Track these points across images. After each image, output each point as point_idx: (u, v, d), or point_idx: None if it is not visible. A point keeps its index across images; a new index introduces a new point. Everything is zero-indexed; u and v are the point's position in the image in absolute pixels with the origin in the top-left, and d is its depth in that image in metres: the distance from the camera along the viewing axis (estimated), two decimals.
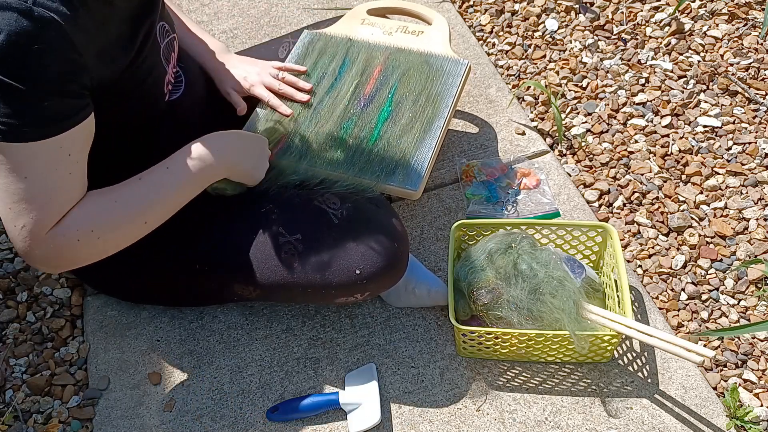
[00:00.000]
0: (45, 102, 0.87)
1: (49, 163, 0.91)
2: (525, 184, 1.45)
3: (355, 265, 1.11)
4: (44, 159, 0.90)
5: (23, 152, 0.89)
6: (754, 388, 1.19)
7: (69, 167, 0.93)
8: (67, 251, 0.96)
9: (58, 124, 0.89)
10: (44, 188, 0.91)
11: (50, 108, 0.88)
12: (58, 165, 0.92)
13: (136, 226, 1.01)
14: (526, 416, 1.16)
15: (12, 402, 1.24)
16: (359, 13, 1.51)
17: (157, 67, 1.09)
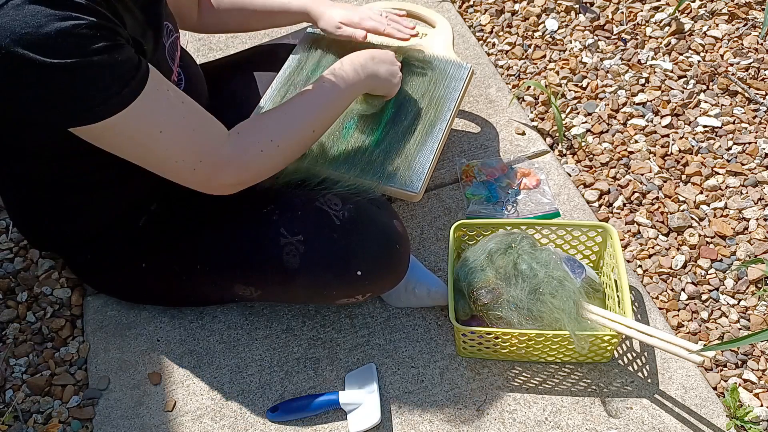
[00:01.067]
0: (118, 57, 0.88)
1: (163, 106, 0.94)
2: (525, 184, 1.45)
3: (357, 266, 1.11)
4: (156, 106, 0.93)
5: (138, 113, 0.91)
6: (754, 388, 1.19)
7: (178, 98, 0.97)
8: (253, 163, 1.04)
9: (140, 70, 0.91)
10: (182, 125, 0.96)
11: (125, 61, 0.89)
12: (170, 102, 0.95)
13: (306, 133, 1.11)
14: (526, 416, 1.16)
15: (12, 402, 1.24)
16: None
17: (163, 66, 1.09)
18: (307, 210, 1.14)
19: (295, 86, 1.34)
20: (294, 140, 1.09)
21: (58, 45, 0.83)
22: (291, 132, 1.08)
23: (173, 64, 1.13)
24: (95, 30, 0.86)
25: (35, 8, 0.83)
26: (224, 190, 1.06)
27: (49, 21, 0.83)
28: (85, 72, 0.85)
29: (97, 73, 0.86)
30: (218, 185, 1.04)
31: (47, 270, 1.40)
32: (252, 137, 1.04)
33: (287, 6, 1.33)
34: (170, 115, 0.95)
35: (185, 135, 0.97)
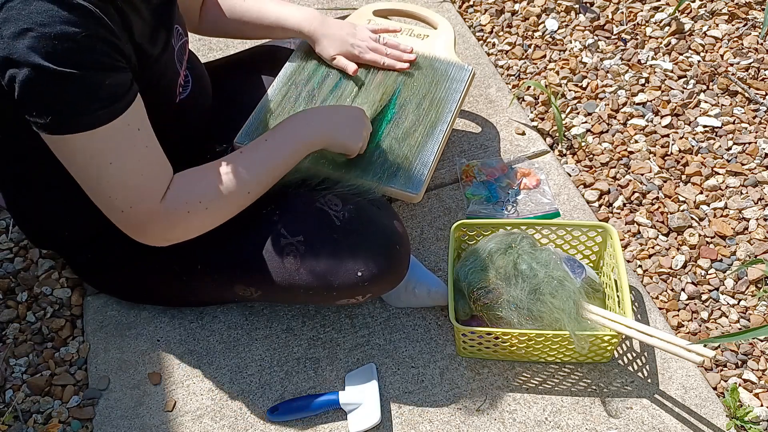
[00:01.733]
0: (106, 81, 0.88)
1: (127, 141, 0.93)
2: (525, 184, 1.45)
3: (357, 266, 1.11)
4: (120, 139, 0.92)
5: (99, 139, 0.90)
6: (754, 388, 1.19)
7: (144, 141, 0.95)
8: (179, 223, 1.00)
9: (122, 100, 0.91)
10: (133, 167, 0.94)
11: (111, 86, 0.89)
12: (135, 141, 0.94)
13: (240, 196, 1.05)
14: (526, 416, 1.16)
15: (12, 402, 1.24)
16: (365, 14, 1.51)
17: (171, 69, 1.09)
18: (308, 210, 1.14)
19: (296, 85, 1.34)
20: (225, 203, 1.03)
21: (55, 48, 0.83)
22: (223, 194, 1.02)
23: (181, 68, 1.13)
24: (94, 42, 0.86)
25: (43, 5, 0.83)
26: (150, 242, 1.02)
27: (53, 21, 0.83)
28: (68, 83, 0.85)
29: (78, 88, 0.86)
30: (142, 236, 1.01)
31: (47, 270, 1.40)
32: (182, 197, 0.99)
33: (283, 22, 1.32)
34: (127, 154, 0.93)
35: (130, 177, 0.94)
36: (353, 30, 1.35)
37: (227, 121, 1.32)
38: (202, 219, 1.02)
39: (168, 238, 1.02)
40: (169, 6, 1.08)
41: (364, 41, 1.34)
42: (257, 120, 1.30)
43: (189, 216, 1.00)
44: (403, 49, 1.37)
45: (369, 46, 1.34)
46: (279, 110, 1.31)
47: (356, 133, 1.17)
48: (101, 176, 0.93)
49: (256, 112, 1.31)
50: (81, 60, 0.85)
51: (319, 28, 1.32)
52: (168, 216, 0.98)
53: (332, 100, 1.32)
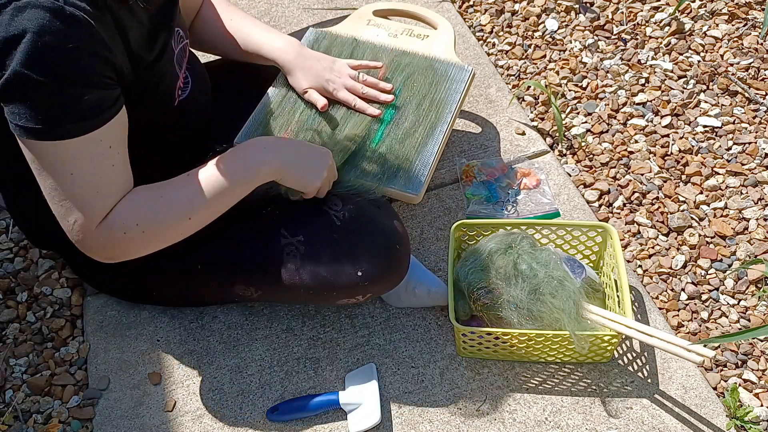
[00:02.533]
0: (85, 96, 0.88)
1: (93, 157, 0.92)
2: (525, 184, 1.45)
3: (357, 266, 1.11)
4: (87, 154, 0.92)
5: (66, 150, 0.90)
6: (754, 388, 1.19)
7: (111, 159, 0.95)
8: (116, 244, 0.98)
9: (98, 117, 0.91)
10: (90, 183, 0.93)
11: (89, 102, 0.89)
12: (101, 158, 0.93)
13: (181, 223, 1.01)
14: (526, 416, 1.16)
15: (12, 402, 1.24)
16: (365, 13, 1.51)
17: (171, 72, 1.09)
18: (308, 211, 1.14)
19: None
20: (164, 228, 1.00)
21: (40, 57, 0.84)
22: (161, 220, 0.99)
23: (180, 70, 1.13)
24: (82, 55, 0.86)
25: (36, 13, 0.83)
26: (96, 258, 1.00)
27: (44, 32, 0.83)
28: (47, 92, 0.86)
29: (56, 100, 0.87)
30: (86, 251, 0.99)
31: (47, 270, 1.40)
32: (120, 218, 0.97)
33: (261, 50, 1.28)
34: (90, 169, 0.92)
35: (85, 192, 0.93)
36: (331, 64, 1.29)
37: (227, 122, 1.32)
38: (139, 242, 0.99)
39: (107, 256, 1.00)
40: (170, 9, 1.08)
41: (340, 78, 1.28)
42: (257, 120, 1.30)
43: (125, 237, 0.97)
44: (382, 88, 1.31)
45: (345, 83, 1.28)
46: (279, 110, 1.31)
47: (316, 172, 1.10)
48: (59, 185, 0.93)
49: (256, 113, 1.31)
50: (63, 72, 0.85)
51: (294, 60, 1.27)
52: (104, 235, 0.96)
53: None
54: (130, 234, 0.97)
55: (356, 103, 1.28)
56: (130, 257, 1.01)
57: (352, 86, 1.29)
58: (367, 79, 1.32)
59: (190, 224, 1.02)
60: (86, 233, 0.96)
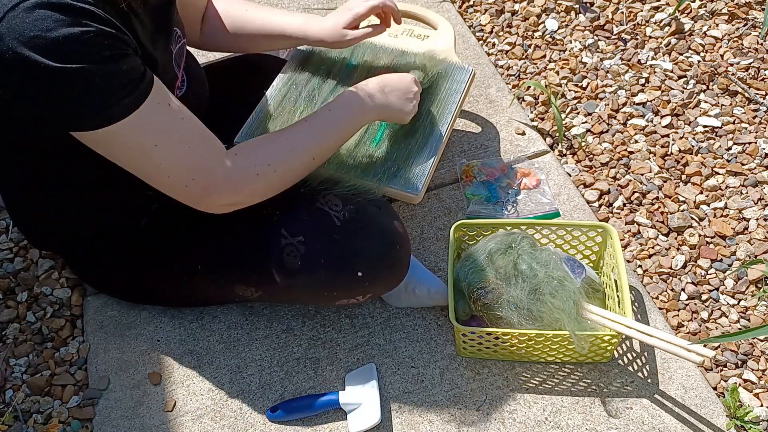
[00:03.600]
0: (123, 67, 0.88)
1: (161, 120, 0.94)
2: (525, 184, 1.45)
3: (357, 267, 1.11)
4: (156, 119, 0.93)
5: (136, 124, 0.91)
6: (754, 388, 1.19)
7: (178, 113, 0.97)
8: (247, 185, 1.04)
9: (143, 80, 0.91)
10: (178, 141, 0.96)
11: (129, 71, 0.89)
12: (169, 117, 0.95)
13: (306, 161, 1.09)
14: (526, 416, 1.16)
15: (12, 402, 1.24)
16: None
17: (169, 72, 1.09)
18: (308, 211, 1.14)
19: (296, 85, 1.34)
20: (292, 166, 1.08)
21: (64, 50, 0.83)
22: (290, 158, 1.07)
23: (179, 70, 1.13)
24: (103, 38, 0.86)
25: (45, 12, 0.83)
26: (216, 209, 1.05)
27: (58, 26, 0.83)
28: (88, 79, 0.86)
29: (100, 81, 0.87)
30: (210, 204, 1.03)
31: (47, 270, 1.40)
32: (249, 160, 1.03)
33: (284, 28, 1.28)
34: (168, 130, 0.95)
35: (180, 151, 0.97)
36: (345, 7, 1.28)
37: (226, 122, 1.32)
38: (270, 181, 1.05)
39: (234, 201, 1.05)
40: (168, 9, 1.08)
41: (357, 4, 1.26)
42: (257, 120, 1.30)
43: (257, 179, 1.03)
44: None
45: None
46: (279, 110, 1.31)
47: (408, 102, 1.20)
48: (150, 160, 0.95)
49: (256, 112, 1.31)
50: (92, 56, 0.85)
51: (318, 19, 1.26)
52: (235, 178, 1.01)
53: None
54: (262, 174, 1.04)
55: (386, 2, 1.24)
56: (254, 200, 1.07)
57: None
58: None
59: (312, 163, 1.11)
60: (212, 181, 1.00)
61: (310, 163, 1.10)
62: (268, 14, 1.30)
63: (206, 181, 1.00)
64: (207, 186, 1.00)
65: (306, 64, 1.38)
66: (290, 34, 1.28)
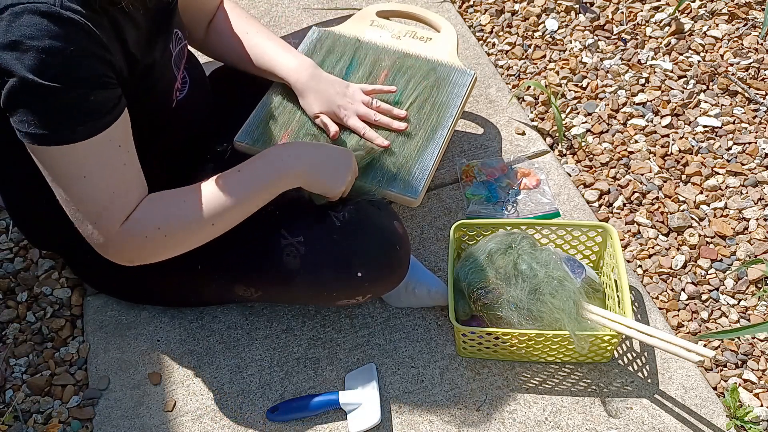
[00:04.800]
0: (90, 97, 0.88)
1: (104, 158, 0.92)
2: (525, 184, 1.45)
3: (357, 267, 1.11)
4: (98, 155, 0.91)
5: (77, 153, 0.90)
6: (754, 388, 1.19)
7: (122, 158, 0.94)
8: (137, 247, 0.98)
9: (105, 117, 0.90)
10: (104, 184, 0.93)
11: (95, 103, 0.89)
12: (112, 158, 0.93)
13: (204, 228, 1.01)
14: (526, 416, 1.16)
15: (12, 402, 1.24)
16: (368, 14, 1.50)
17: (168, 73, 1.09)
18: (308, 211, 1.14)
19: None
20: (186, 232, 1.00)
21: (40, 61, 0.83)
22: (183, 223, 0.99)
23: (178, 71, 1.13)
24: (82, 58, 0.86)
25: (32, 19, 0.83)
26: (115, 261, 1.00)
27: (42, 35, 0.83)
28: (52, 97, 0.86)
29: (62, 104, 0.86)
30: (105, 254, 0.99)
31: (47, 270, 1.40)
32: (141, 221, 0.96)
33: (274, 69, 1.26)
34: (102, 170, 0.92)
35: (100, 194, 0.93)
36: (344, 89, 1.26)
37: (227, 122, 1.32)
38: (159, 246, 0.99)
39: (129, 259, 1.00)
40: (169, 11, 1.08)
41: (353, 104, 1.25)
42: (258, 119, 1.30)
43: (146, 241, 0.97)
44: (396, 115, 1.28)
45: (357, 110, 1.25)
46: (280, 109, 1.31)
47: (341, 176, 1.10)
48: (72, 189, 0.92)
49: (257, 111, 1.31)
50: (67, 75, 0.85)
51: (307, 82, 1.25)
52: (125, 238, 0.96)
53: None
54: (151, 237, 0.97)
55: (366, 132, 1.25)
56: (151, 261, 1.01)
57: (364, 113, 1.26)
58: (380, 105, 1.28)
59: (213, 229, 1.01)
60: (107, 237, 0.95)
61: (210, 229, 1.01)
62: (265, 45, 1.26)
63: (105, 233, 0.96)
64: (105, 238, 0.96)
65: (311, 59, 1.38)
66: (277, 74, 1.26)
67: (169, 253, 1.01)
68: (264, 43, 1.27)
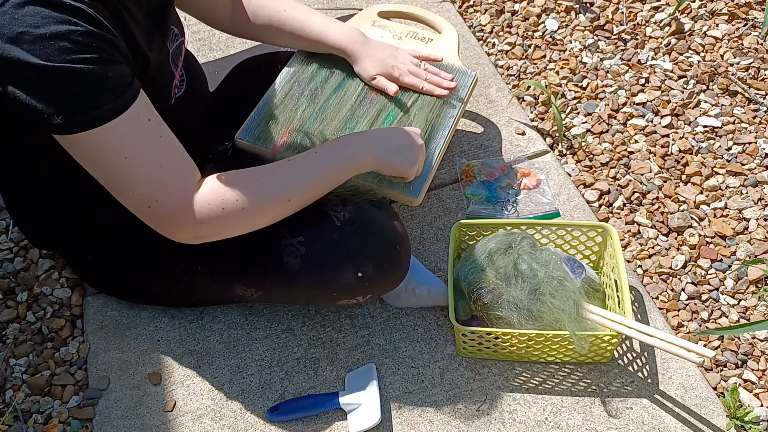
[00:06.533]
0: (108, 73, 0.87)
1: (138, 134, 0.91)
2: (525, 184, 1.45)
3: (357, 267, 1.11)
4: (132, 133, 0.91)
5: (112, 134, 0.89)
6: (754, 388, 1.19)
7: (157, 131, 0.94)
8: (212, 220, 0.97)
9: (127, 92, 0.90)
10: (149, 159, 0.92)
11: (113, 78, 0.88)
12: (147, 133, 0.93)
13: (279, 203, 1.02)
14: (526, 416, 1.16)
15: (12, 402, 1.24)
16: (370, 14, 1.50)
17: (166, 71, 1.09)
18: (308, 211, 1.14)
19: (299, 83, 1.33)
20: (263, 206, 1.01)
21: (50, 48, 0.83)
22: (262, 197, 1.00)
23: (176, 69, 1.13)
24: (91, 39, 0.85)
25: (35, 9, 0.83)
26: (179, 239, 1.00)
27: (47, 23, 0.83)
28: (71, 79, 0.85)
29: (82, 84, 0.85)
30: (171, 231, 0.99)
31: (47, 270, 1.40)
32: (218, 193, 0.97)
33: (325, 38, 1.29)
34: (141, 146, 0.92)
35: (150, 170, 0.93)
36: (394, 52, 1.32)
37: (228, 120, 1.32)
38: (237, 219, 0.99)
39: (197, 235, 0.99)
40: (164, 7, 1.08)
41: (404, 64, 1.32)
42: (259, 116, 1.30)
43: (223, 214, 0.98)
44: (444, 77, 1.35)
45: (409, 69, 1.32)
46: (281, 107, 1.31)
47: (411, 156, 1.14)
48: (119, 172, 0.92)
49: (258, 109, 1.31)
50: (79, 56, 0.85)
51: (361, 48, 1.30)
52: (200, 210, 0.96)
53: (335, 99, 1.31)
54: (229, 209, 0.97)
55: (424, 85, 1.31)
56: (220, 236, 1.01)
57: (416, 71, 1.32)
58: (428, 67, 1.35)
59: (288, 206, 1.03)
60: (178, 208, 0.95)
61: (285, 206, 1.03)
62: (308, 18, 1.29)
63: (170, 207, 0.95)
64: (169, 213, 0.96)
65: (310, 61, 1.37)
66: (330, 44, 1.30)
67: (243, 228, 1.02)
68: (307, 17, 1.29)
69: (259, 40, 1.34)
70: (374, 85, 1.31)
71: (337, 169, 1.07)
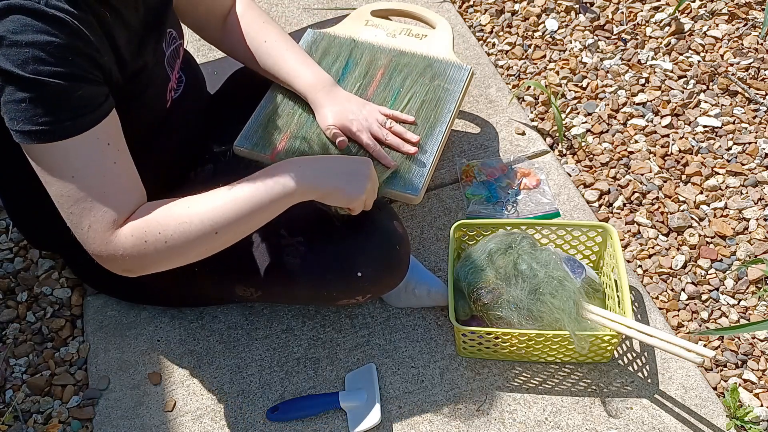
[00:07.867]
0: (77, 91, 0.86)
1: (93, 156, 0.89)
2: (525, 184, 1.45)
3: (357, 267, 1.11)
4: (87, 153, 0.89)
5: (66, 150, 0.88)
6: (754, 388, 1.19)
7: (112, 156, 0.91)
8: (135, 254, 0.92)
9: (92, 113, 0.88)
10: (95, 183, 0.89)
11: (82, 97, 0.87)
12: (101, 156, 0.90)
13: (207, 237, 0.94)
14: (526, 416, 1.16)
15: (12, 402, 1.24)
16: (363, 14, 1.51)
17: (161, 74, 1.09)
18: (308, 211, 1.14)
19: None
20: (187, 239, 0.93)
21: (24, 55, 0.82)
22: (186, 230, 0.92)
23: (172, 72, 1.13)
24: (67, 53, 0.85)
25: (18, 17, 0.83)
26: (111, 269, 0.95)
27: (25, 30, 0.82)
28: (37, 91, 0.84)
29: (47, 98, 0.85)
30: (102, 261, 0.94)
31: (47, 270, 1.40)
32: (142, 225, 0.92)
33: (292, 81, 1.25)
34: (91, 169, 0.89)
35: (92, 192, 0.89)
36: (362, 107, 1.24)
37: (225, 122, 1.32)
38: (160, 253, 0.93)
39: (126, 268, 0.94)
40: (162, 10, 1.07)
41: (366, 120, 1.22)
42: (256, 123, 1.30)
43: (146, 246, 0.92)
44: (408, 139, 1.25)
45: (370, 127, 1.22)
46: (279, 112, 1.31)
47: (357, 185, 1.03)
48: (63, 189, 0.89)
49: (255, 116, 1.31)
50: (52, 69, 0.84)
51: (324, 98, 1.23)
52: (122, 242, 0.91)
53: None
54: (151, 243, 0.92)
55: (376, 149, 1.21)
56: (148, 271, 0.96)
57: (376, 131, 1.22)
58: (393, 126, 1.25)
59: (216, 239, 0.95)
60: (102, 239, 0.91)
61: (213, 239, 0.94)
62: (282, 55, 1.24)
63: (102, 235, 0.91)
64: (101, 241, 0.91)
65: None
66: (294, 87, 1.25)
67: (168, 263, 0.95)
68: (281, 54, 1.24)
69: (243, 63, 1.31)
70: (327, 134, 1.24)
71: (271, 199, 0.96)
